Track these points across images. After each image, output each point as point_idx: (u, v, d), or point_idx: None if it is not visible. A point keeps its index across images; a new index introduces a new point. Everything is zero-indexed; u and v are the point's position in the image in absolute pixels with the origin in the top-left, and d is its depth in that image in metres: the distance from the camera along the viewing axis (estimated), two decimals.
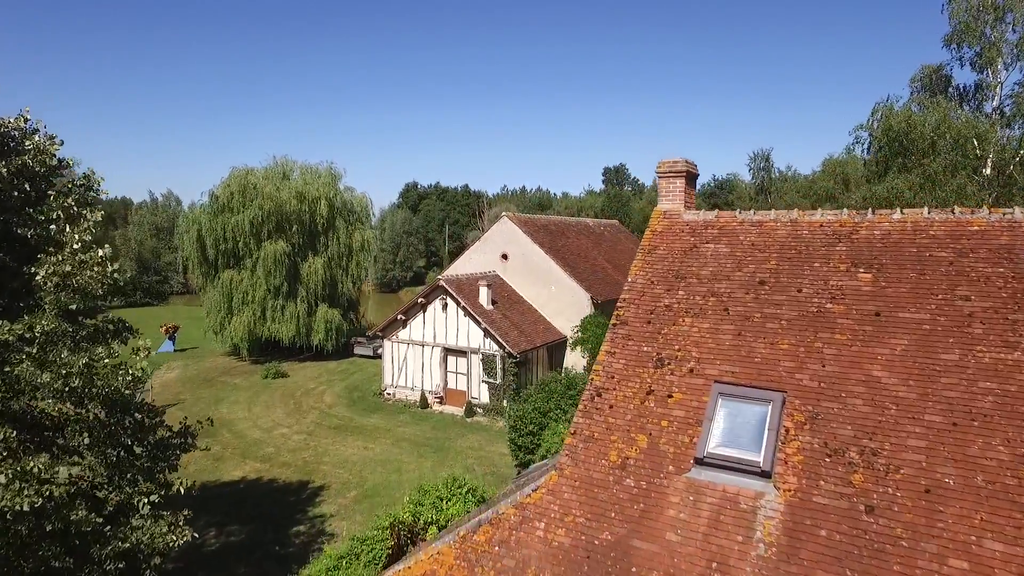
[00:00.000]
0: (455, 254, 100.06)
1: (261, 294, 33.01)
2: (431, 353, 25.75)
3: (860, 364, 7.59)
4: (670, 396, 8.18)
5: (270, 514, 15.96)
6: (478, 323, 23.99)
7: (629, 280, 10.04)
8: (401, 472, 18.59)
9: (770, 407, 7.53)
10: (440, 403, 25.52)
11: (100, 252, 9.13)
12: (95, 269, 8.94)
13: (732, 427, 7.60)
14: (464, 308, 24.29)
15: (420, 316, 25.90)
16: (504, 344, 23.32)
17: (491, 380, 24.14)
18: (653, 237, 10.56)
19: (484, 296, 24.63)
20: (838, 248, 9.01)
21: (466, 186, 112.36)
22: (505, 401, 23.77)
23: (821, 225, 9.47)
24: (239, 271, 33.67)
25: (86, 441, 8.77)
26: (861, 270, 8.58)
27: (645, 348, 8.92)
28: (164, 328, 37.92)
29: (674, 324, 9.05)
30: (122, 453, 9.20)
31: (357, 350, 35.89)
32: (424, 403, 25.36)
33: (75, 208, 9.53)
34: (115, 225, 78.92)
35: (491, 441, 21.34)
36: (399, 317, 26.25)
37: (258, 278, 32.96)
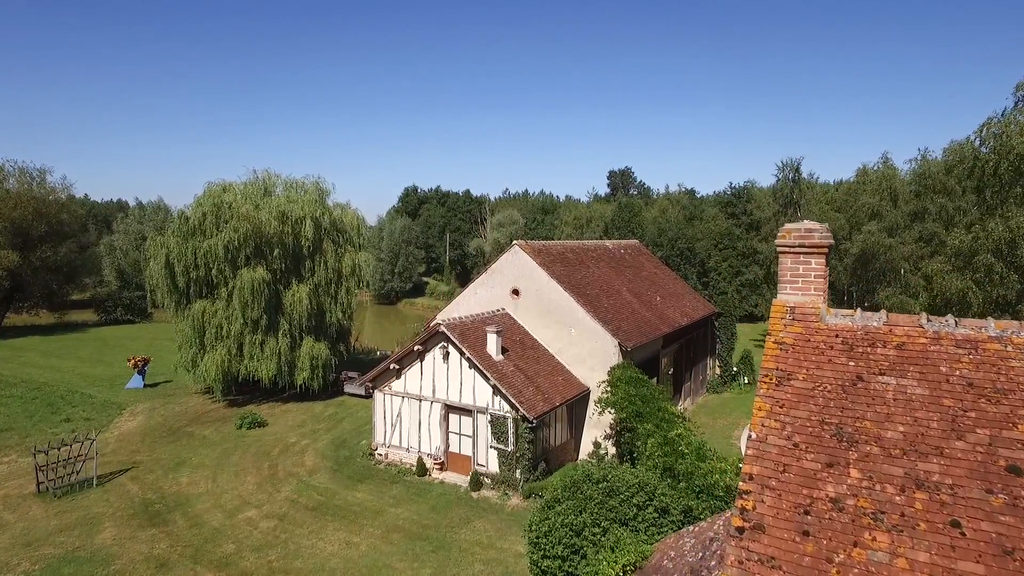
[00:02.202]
0: (456, 262, 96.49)
1: (237, 328, 29.08)
2: (430, 410, 21.80)
3: None
4: None
5: None
6: (486, 378, 20.06)
7: (754, 438, 6.07)
8: None
9: None
10: (440, 469, 21.57)
11: None
12: None
13: None
14: (469, 359, 20.37)
15: (417, 365, 21.95)
16: (518, 406, 19.38)
17: (501, 446, 20.19)
18: (782, 355, 6.57)
19: (493, 345, 20.70)
20: None
21: (467, 191, 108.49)
22: (518, 472, 19.87)
23: None
24: (213, 301, 29.73)
25: None
26: None
27: None
28: (132, 361, 33.94)
29: (855, 544, 5.08)
30: None
31: (347, 388, 31.96)
32: (422, 469, 21.41)
33: None
34: (110, 229, 75.10)
35: (503, 531, 17.38)
36: (392, 366, 22.32)
37: (234, 310, 29.01)
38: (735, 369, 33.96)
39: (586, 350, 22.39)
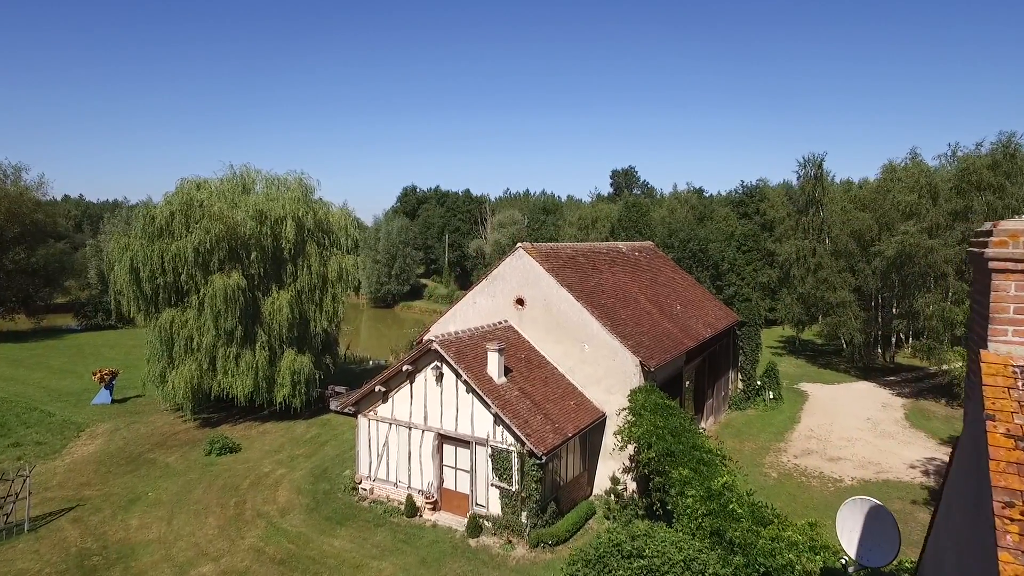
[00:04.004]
0: (455, 264, 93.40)
1: (209, 340, 26.04)
2: (421, 440, 18.82)
3: None
4: None
5: None
6: (486, 404, 17.08)
7: None
8: None
9: None
10: (433, 509, 18.57)
11: None
12: None
13: None
14: (466, 382, 17.40)
15: (406, 388, 18.97)
16: (524, 438, 16.39)
17: (504, 484, 17.21)
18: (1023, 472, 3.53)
19: (494, 365, 17.72)
20: None
21: (467, 191, 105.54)
22: (524, 515, 16.87)
23: None
24: (183, 310, 26.71)
25: None
26: None
27: None
28: (99, 375, 30.93)
29: None
30: None
31: (333, 405, 28.96)
32: (411, 509, 18.42)
33: None
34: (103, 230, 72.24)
35: None
36: (378, 388, 19.33)
37: (206, 319, 25.97)
38: (759, 383, 30.97)
39: (602, 369, 19.41)
